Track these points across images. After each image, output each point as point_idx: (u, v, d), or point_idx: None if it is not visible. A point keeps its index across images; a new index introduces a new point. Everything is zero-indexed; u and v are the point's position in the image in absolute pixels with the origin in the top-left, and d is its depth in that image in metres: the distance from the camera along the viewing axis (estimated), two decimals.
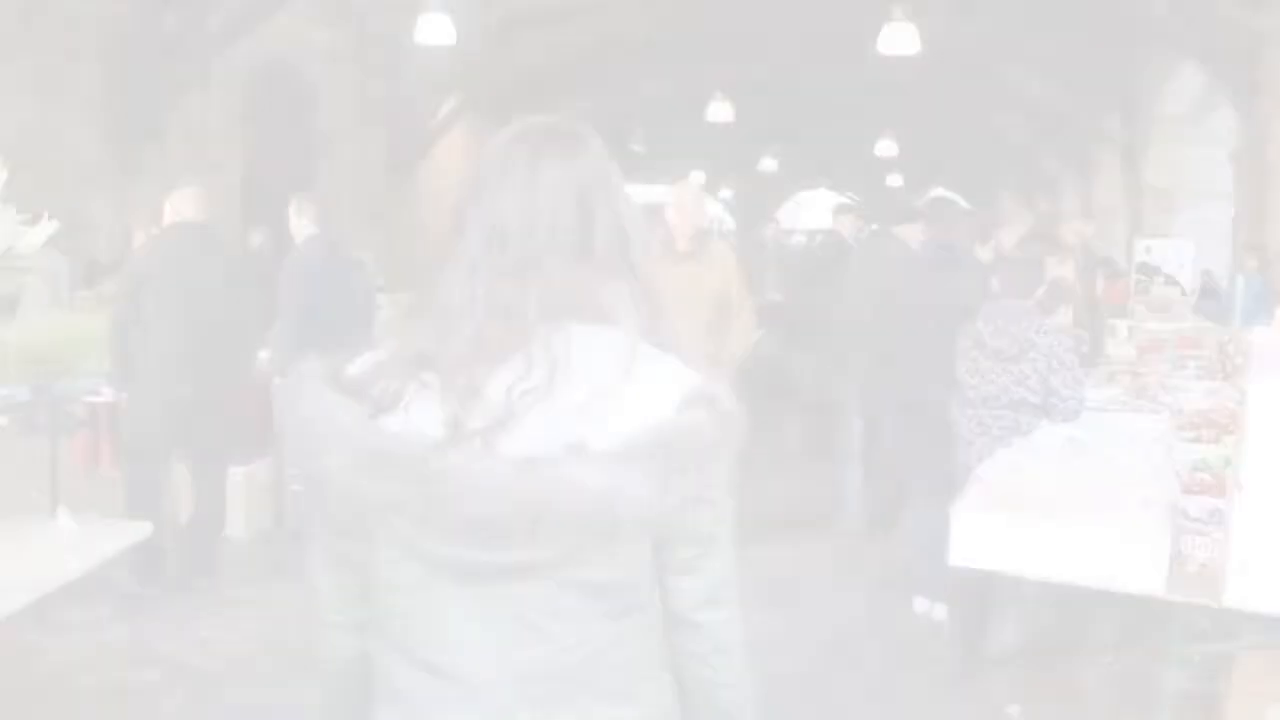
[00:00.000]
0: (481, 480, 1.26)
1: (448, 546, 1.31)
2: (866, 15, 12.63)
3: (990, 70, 16.10)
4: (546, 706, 1.35)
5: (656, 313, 1.39)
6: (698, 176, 27.60)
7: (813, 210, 38.85)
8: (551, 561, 1.30)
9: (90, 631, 4.56)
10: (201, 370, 5.06)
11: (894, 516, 5.76)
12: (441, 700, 1.36)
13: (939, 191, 28.26)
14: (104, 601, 4.81)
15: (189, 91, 13.39)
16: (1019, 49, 15.15)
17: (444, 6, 12.02)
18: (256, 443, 6.40)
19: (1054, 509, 2.66)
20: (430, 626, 1.36)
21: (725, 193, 32.84)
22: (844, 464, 6.14)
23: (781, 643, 4.71)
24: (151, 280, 4.99)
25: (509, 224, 1.34)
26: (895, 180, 26.08)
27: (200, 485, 5.33)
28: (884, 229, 6.16)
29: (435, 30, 12.16)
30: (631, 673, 1.39)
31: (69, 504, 6.42)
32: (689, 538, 1.38)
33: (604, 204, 1.39)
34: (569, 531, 1.27)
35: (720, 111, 17.01)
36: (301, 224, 6.01)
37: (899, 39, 11.77)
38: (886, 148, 20.09)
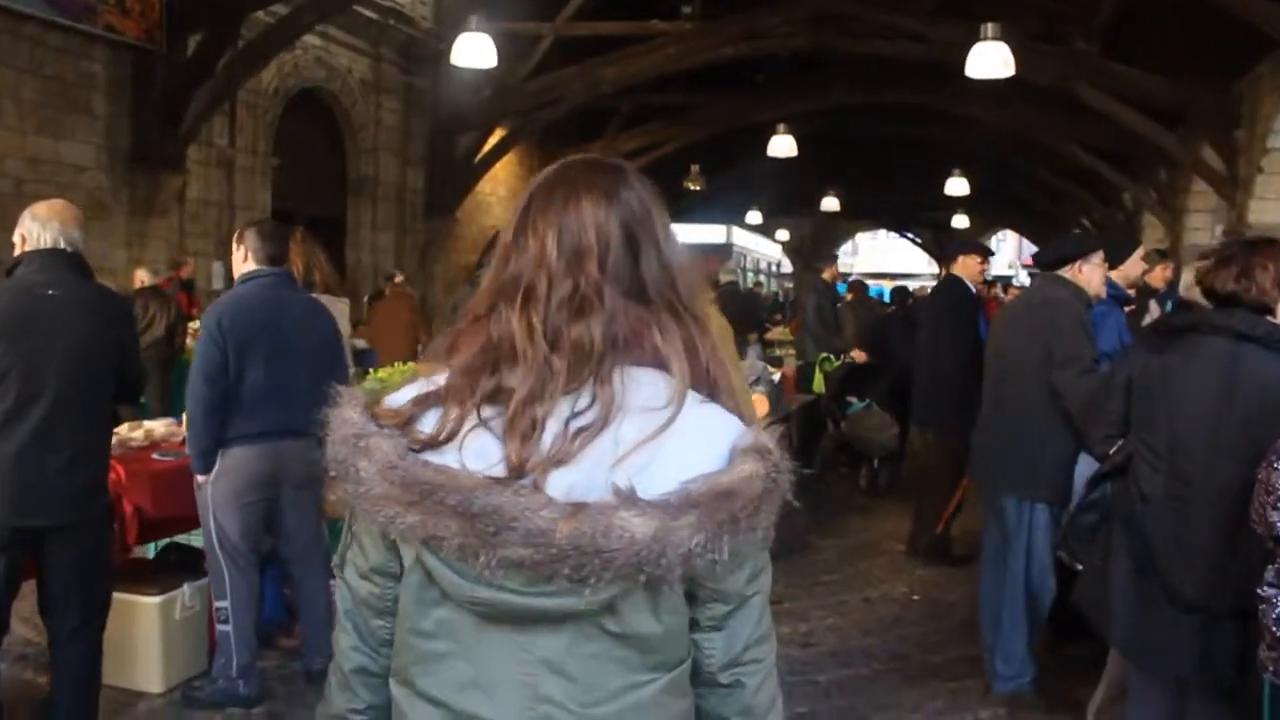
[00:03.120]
0: (529, 520, 1.16)
1: (487, 587, 1.21)
2: (944, 40, 10.98)
3: (1073, 100, 14.12)
4: None
5: (707, 358, 1.29)
6: (753, 216, 25.74)
7: (875, 253, 36.93)
8: (592, 609, 1.21)
9: None
10: (63, 468, 3.24)
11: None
12: None
13: (1003, 233, 26.13)
14: None
15: (211, 120, 11.79)
16: (1106, 76, 13.18)
17: (486, 29, 10.39)
18: (178, 561, 4.55)
19: None
20: (459, 670, 1.26)
21: (782, 233, 30.97)
22: (996, 597, 4.10)
23: None
24: None
25: (563, 259, 1.26)
26: (961, 221, 23.87)
27: (60, 636, 3.45)
28: (1047, 274, 4.19)
29: (475, 52, 10.45)
30: None
31: None
32: (722, 595, 1.28)
33: (649, 241, 1.31)
34: (614, 579, 1.17)
35: (782, 146, 15.11)
36: (239, 258, 4.15)
37: (989, 61, 9.81)
38: (957, 185, 17.97)
